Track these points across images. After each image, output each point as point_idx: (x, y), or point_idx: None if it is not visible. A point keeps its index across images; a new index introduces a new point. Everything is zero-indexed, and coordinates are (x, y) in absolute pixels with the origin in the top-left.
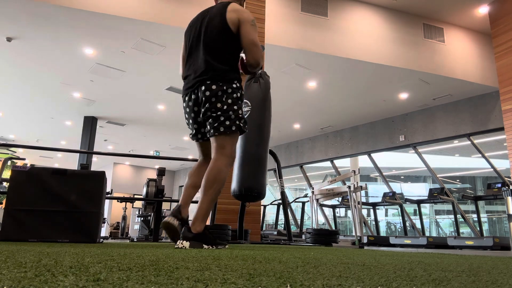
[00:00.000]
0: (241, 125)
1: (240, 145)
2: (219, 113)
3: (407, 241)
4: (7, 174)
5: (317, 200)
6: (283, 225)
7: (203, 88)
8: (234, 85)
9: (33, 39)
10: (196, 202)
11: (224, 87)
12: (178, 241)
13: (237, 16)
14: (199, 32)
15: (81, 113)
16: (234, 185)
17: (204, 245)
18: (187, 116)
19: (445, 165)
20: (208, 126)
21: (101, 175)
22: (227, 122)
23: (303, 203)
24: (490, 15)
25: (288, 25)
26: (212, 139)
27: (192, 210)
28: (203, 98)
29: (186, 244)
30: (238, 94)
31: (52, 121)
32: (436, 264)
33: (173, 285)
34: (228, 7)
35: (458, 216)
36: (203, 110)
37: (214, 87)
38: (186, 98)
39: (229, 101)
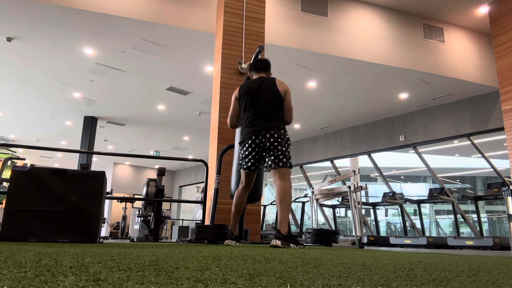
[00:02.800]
0: (291, 162)
1: (236, 152)
2: (279, 153)
3: (407, 241)
4: (7, 174)
5: (317, 200)
6: None
7: (268, 135)
8: (287, 135)
9: (33, 39)
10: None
11: (282, 136)
12: (273, 240)
13: (284, 88)
14: (257, 97)
15: (81, 113)
16: (233, 188)
17: (291, 244)
18: (248, 153)
19: (445, 165)
20: (270, 162)
21: (101, 175)
22: (284, 160)
23: (303, 203)
24: (490, 15)
25: (288, 25)
26: (274, 171)
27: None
28: (267, 143)
29: (279, 242)
30: (289, 141)
31: (52, 121)
32: (436, 264)
33: (173, 285)
34: (276, 81)
35: (458, 216)
36: (268, 150)
37: (276, 135)
38: (250, 141)
39: (286, 145)
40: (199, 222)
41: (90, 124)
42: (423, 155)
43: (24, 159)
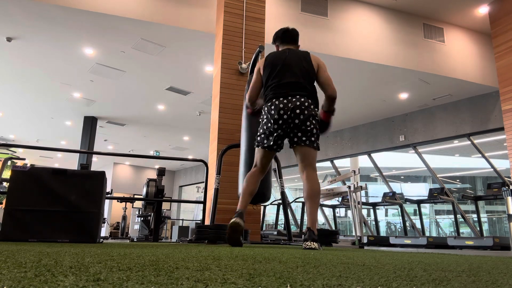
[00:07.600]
0: (319, 144)
1: (244, 152)
2: (308, 129)
3: (407, 241)
4: (7, 174)
5: None
6: (283, 225)
7: (298, 103)
8: (317, 111)
9: (33, 39)
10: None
11: (313, 112)
12: (308, 241)
13: (317, 61)
14: (287, 66)
15: (81, 113)
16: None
17: (320, 246)
18: (271, 125)
19: (445, 165)
20: (296, 138)
21: (101, 175)
22: (313, 138)
23: (303, 203)
24: (490, 15)
25: (288, 25)
26: (300, 149)
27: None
28: (297, 110)
29: (316, 244)
30: (318, 119)
31: (52, 121)
32: (436, 264)
33: (173, 285)
34: (310, 55)
35: (458, 216)
36: (295, 124)
37: (306, 104)
38: (273, 111)
39: (315, 122)
40: (199, 222)
41: (90, 124)
42: (423, 155)
43: (24, 159)
